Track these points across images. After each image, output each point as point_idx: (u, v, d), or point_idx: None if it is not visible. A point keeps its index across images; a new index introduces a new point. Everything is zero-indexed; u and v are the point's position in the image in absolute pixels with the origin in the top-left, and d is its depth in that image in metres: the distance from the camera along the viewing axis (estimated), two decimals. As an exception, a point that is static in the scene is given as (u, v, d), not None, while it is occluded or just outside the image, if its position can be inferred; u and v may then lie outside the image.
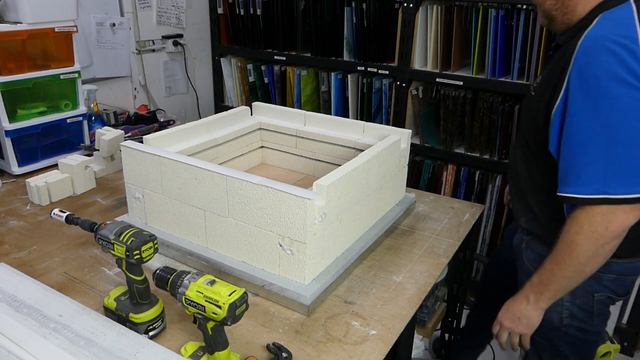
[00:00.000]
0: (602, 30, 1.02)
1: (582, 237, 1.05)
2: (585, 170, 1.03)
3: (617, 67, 0.98)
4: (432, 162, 2.51)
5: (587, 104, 1.01)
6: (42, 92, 1.69)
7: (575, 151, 1.04)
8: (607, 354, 1.92)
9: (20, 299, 0.88)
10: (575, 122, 1.03)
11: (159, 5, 2.69)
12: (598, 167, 1.01)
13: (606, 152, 1.00)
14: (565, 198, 1.07)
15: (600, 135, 1.00)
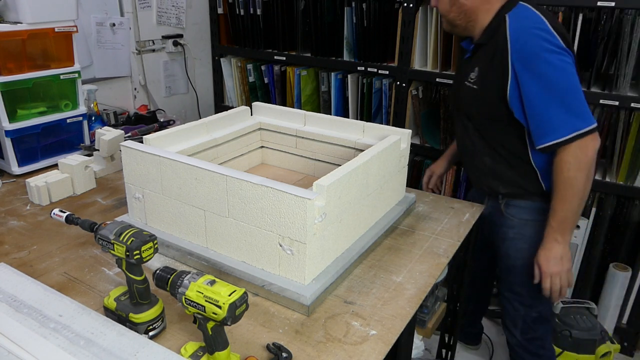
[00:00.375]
0: (519, 23, 1.34)
1: (573, 171, 1.33)
2: (554, 121, 1.31)
3: (544, 43, 1.29)
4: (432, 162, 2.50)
5: (534, 75, 1.31)
6: (42, 92, 1.69)
7: (541, 111, 1.32)
8: (607, 354, 1.92)
9: (20, 299, 0.88)
10: (531, 92, 1.32)
11: (159, 5, 2.69)
12: (562, 115, 1.30)
13: (561, 102, 1.30)
14: (548, 147, 1.34)
15: (553, 93, 1.30)
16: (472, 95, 1.47)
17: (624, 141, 2.04)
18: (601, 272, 2.24)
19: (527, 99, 1.33)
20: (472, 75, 1.47)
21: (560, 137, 1.31)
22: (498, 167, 1.52)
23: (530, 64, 1.30)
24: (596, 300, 2.22)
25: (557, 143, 1.32)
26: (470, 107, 1.52)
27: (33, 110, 1.67)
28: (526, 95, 1.33)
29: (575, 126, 1.30)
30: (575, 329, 1.92)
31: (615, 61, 2.02)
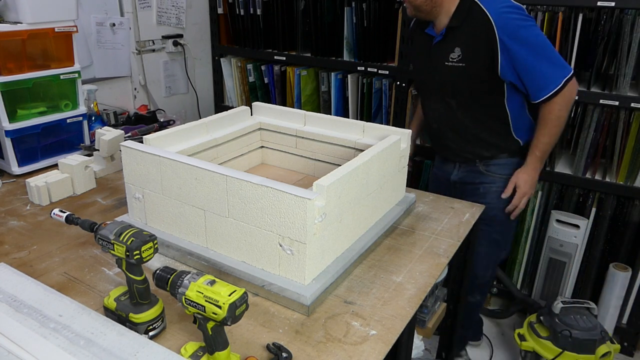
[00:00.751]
0: (494, 5, 1.56)
1: (563, 110, 1.63)
2: (548, 75, 1.59)
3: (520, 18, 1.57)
4: (432, 162, 2.50)
5: (522, 43, 1.55)
6: (42, 92, 1.69)
7: (535, 71, 1.58)
8: (607, 354, 1.92)
9: (20, 299, 0.88)
10: (524, 57, 1.56)
11: (159, 5, 2.69)
12: (551, 68, 1.59)
13: (549, 59, 1.58)
14: (547, 98, 1.60)
15: (540, 53, 1.57)
16: (458, 73, 1.65)
17: (624, 141, 2.04)
18: (601, 272, 2.24)
19: (522, 64, 1.57)
20: (452, 56, 1.65)
21: (555, 86, 1.58)
22: (483, 134, 1.74)
23: (515, 35, 1.55)
24: (596, 300, 2.22)
25: (555, 92, 1.59)
26: (456, 85, 1.69)
27: (33, 110, 1.67)
28: (520, 62, 1.57)
29: (563, 74, 1.58)
30: (575, 329, 1.92)
31: (615, 61, 2.02)
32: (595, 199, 2.18)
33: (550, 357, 1.94)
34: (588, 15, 2.09)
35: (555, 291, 2.33)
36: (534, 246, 2.40)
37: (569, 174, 2.19)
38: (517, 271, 2.46)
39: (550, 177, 2.23)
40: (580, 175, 2.16)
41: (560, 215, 2.21)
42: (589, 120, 2.09)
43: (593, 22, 2.09)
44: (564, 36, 2.06)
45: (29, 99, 1.66)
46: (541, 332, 2.02)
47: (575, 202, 2.23)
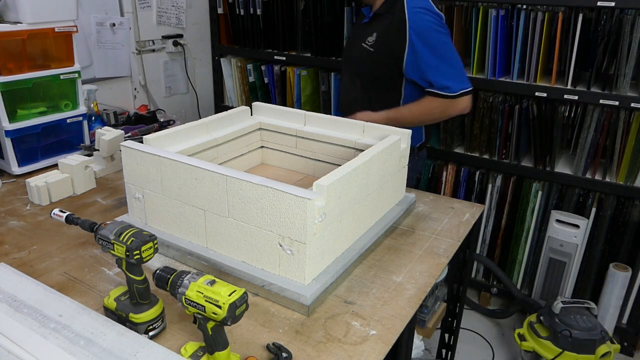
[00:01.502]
0: (414, 3, 1.64)
1: (439, 114, 1.72)
2: (449, 78, 1.64)
3: (435, 23, 1.63)
4: (432, 162, 2.51)
5: (430, 47, 1.63)
6: (42, 92, 1.69)
7: (439, 70, 1.64)
8: (607, 354, 1.92)
9: (20, 299, 0.88)
10: (429, 58, 1.64)
11: (159, 5, 2.69)
12: (453, 74, 1.65)
13: (452, 67, 1.65)
14: (441, 95, 1.66)
15: (443, 60, 1.64)
16: (367, 56, 1.74)
17: (624, 141, 2.05)
18: (601, 272, 2.24)
19: (425, 63, 1.64)
20: (369, 39, 1.73)
21: (452, 92, 1.65)
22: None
23: (425, 36, 1.63)
24: (596, 300, 2.22)
25: (448, 96, 1.65)
26: (363, 66, 1.78)
27: (33, 110, 1.67)
28: (424, 61, 1.64)
29: (463, 86, 1.65)
30: (575, 329, 1.92)
31: (615, 61, 2.02)
32: (595, 199, 2.18)
33: (550, 357, 1.94)
34: (588, 15, 2.09)
35: (555, 291, 2.33)
36: (534, 246, 2.40)
37: (569, 174, 2.19)
38: (517, 271, 2.46)
39: (550, 177, 2.23)
40: (580, 175, 2.16)
41: (560, 215, 2.21)
42: (589, 120, 2.09)
43: (593, 22, 2.09)
44: (564, 36, 2.07)
45: (29, 99, 1.66)
46: (541, 332, 2.02)
47: (575, 202, 2.23)
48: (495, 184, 2.37)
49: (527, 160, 2.31)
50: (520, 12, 2.11)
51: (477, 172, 2.41)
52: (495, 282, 2.54)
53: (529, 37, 2.11)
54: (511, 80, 2.19)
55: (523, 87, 2.17)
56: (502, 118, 2.25)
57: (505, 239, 2.45)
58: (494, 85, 2.22)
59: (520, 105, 2.20)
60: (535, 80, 2.14)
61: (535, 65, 2.12)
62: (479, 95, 2.28)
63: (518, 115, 2.21)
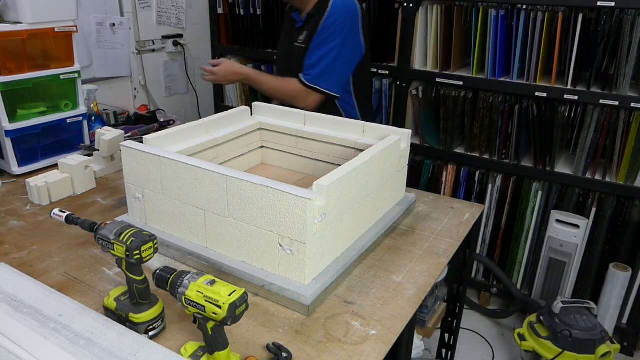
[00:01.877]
0: (340, 2, 1.76)
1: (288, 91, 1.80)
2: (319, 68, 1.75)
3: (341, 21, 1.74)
4: (432, 162, 2.51)
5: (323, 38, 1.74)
6: (42, 92, 1.69)
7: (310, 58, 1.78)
8: (607, 354, 1.92)
9: (20, 299, 0.88)
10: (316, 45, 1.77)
11: (159, 5, 2.69)
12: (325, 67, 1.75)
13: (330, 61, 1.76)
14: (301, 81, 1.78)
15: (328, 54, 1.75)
16: (299, 54, 1.84)
17: (624, 141, 2.05)
18: (601, 272, 2.24)
19: (312, 49, 1.78)
20: (300, 37, 1.85)
21: (309, 80, 1.76)
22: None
23: (327, 30, 1.75)
24: (596, 300, 2.22)
25: (302, 82, 1.77)
26: (296, 63, 1.86)
27: (33, 110, 1.67)
28: (313, 47, 1.77)
29: (317, 82, 1.76)
30: (575, 329, 1.92)
31: (615, 61, 2.02)
32: (595, 199, 2.18)
33: (550, 357, 1.94)
34: (588, 15, 2.09)
35: (555, 291, 2.33)
36: (534, 246, 2.40)
37: (569, 174, 2.19)
38: (517, 271, 2.46)
39: (550, 177, 2.23)
40: (580, 175, 2.16)
41: (560, 215, 2.21)
42: (589, 120, 2.09)
43: (593, 22, 2.09)
44: (564, 36, 2.07)
45: (29, 99, 1.66)
46: (541, 332, 2.02)
47: (575, 202, 2.23)
48: (495, 184, 2.37)
49: (527, 160, 2.31)
50: (520, 12, 2.11)
51: (477, 172, 2.41)
52: (495, 282, 2.54)
53: (529, 37, 2.11)
54: (511, 80, 2.19)
55: (523, 87, 2.17)
56: (502, 118, 2.25)
57: (505, 239, 2.45)
58: (494, 85, 2.22)
59: (520, 105, 2.20)
60: (535, 80, 2.14)
61: (535, 65, 2.12)
62: (479, 95, 2.28)
63: (518, 115, 2.21)
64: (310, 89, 1.78)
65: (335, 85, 1.80)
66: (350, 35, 1.77)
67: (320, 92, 1.78)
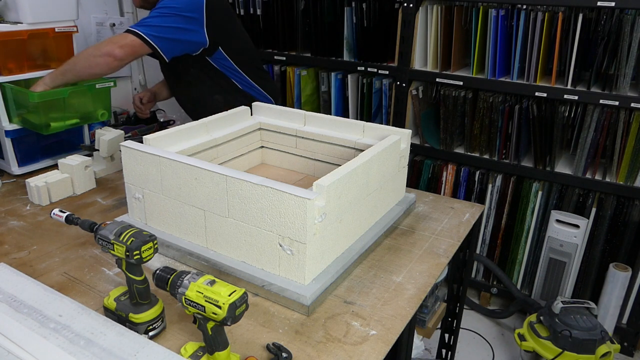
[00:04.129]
0: None
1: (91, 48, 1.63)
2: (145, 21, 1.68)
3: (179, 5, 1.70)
4: (432, 162, 2.51)
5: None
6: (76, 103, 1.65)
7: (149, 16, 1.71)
8: (607, 354, 1.92)
9: (20, 299, 0.88)
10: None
11: (159, 5, 2.69)
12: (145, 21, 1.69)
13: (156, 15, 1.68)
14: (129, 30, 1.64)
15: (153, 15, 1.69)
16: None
17: (624, 141, 2.05)
18: (601, 272, 2.24)
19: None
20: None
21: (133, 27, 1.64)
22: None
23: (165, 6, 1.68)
24: (596, 300, 2.22)
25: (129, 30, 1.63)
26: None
27: (67, 122, 1.64)
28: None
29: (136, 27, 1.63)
30: (575, 329, 1.92)
31: (615, 61, 2.02)
32: (595, 199, 2.18)
33: (550, 357, 1.94)
34: (588, 15, 2.09)
35: (555, 291, 2.33)
36: (534, 246, 2.40)
37: (569, 174, 2.19)
38: (517, 271, 2.46)
39: (550, 177, 2.23)
40: (580, 175, 2.17)
41: (560, 215, 2.21)
42: (589, 120, 2.09)
43: (593, 22, 2.09)
44: (564, 36, 2.07)
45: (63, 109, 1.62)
46: (541, 332, 2.02)
47: (575, 202, 2.23)
48: (495, 184, 2.37)
49: (527, 160, 2.31)
50: (520, 12, 2.11)
51: (477, 172, 2.41)
52: (495, 282, 2.54)
53: (529, 37, 2.11)
54: (511, 80, 2.19)
55: (523, 87, 2.17)
56: (502, 118, 2.25)
57: (505, 239, 2.45)
58: (494, 85, 2.22)
59: (520, 105, 2.20)
60: (535, 80, 2.14)
61: (535, 65, 2.12)
62: (479, 96, 2.28)
63: (518, 115, 2.21)
64: (127, 32, 1.63)
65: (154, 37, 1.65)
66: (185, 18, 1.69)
67: (135, 33, 1.62)
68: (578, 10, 2.04)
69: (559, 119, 2.13)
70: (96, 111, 1.73)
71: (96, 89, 1.68)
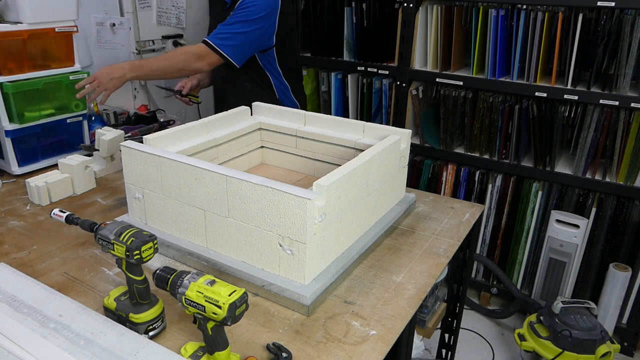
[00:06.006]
0: None
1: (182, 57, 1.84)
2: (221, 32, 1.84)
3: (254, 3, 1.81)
4: (432, 162, 2.51)
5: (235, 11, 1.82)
6: (50, 94, 1.68)
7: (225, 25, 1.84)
8: (607, 354, 1.92)
9: (20, 299, 0.88)
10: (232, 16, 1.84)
11: (159, 5, 2.69)
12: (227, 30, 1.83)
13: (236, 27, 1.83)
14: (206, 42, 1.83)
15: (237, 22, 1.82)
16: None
17: (624, 141, 2.05)
18: (601, 272, 2.24)
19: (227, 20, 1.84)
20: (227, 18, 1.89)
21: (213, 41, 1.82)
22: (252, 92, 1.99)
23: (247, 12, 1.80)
24: (596, 300, 2.22)
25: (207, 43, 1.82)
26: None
27: (42, 112, 1.66)
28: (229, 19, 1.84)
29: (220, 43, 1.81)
30: (575, 329, 1.92)
31: (615, 61, 2.03)
32: (595, 199, 2.18)
33: (550, 357, 1.94)
34: (588, 15, 2.09)
35: (555, 291, 2.33)
36: (534, 246, 2.40)
37: (569, 174, 2.19)
38: (517, 271, 2.46)
39: (550, 177, 2.23)
40: (580, 175, 2.17)
41: (560, 215, 2.21)
42: (589, 120, 2.09)
43: (593, 22, 2.09)
44: (564, 36, 2.07)
45: (37, 101, 1.65)
46: (541, 332, 2.02)
47: (575, 202, 2.23)
48: (495, 184, 2.37)
49: (527, 160, 2.31)
50: (520, 12, 2.11)
51: (477, 172, 2.41)
52: (495, 282, 2.54)
53: (529, 37, 2.11)
54: (511, 80, 2.19)
55: (523, 87, 2.17)
56: (502, 118, 2.25)
57: (505, 239, 2.45)
58: (494, 85, 2.22)
59: (520, 105, 2.20)
60: (535, 80, 2.14)
61: (535, 65, 2.12)
62: (479, 95, 2.28)
63: (518, 115, 2.21)
64: (213, 50, 1.81)
65: (236, 55, 1.84)
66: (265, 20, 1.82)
67: (219, 53, 1.81)
68: (578, 10, 2.04)
69: (559, 119, 2.13)
70: (71, 102, 1.74)
71: (70, 80, 1.70)
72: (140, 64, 1.81)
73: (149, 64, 1.82)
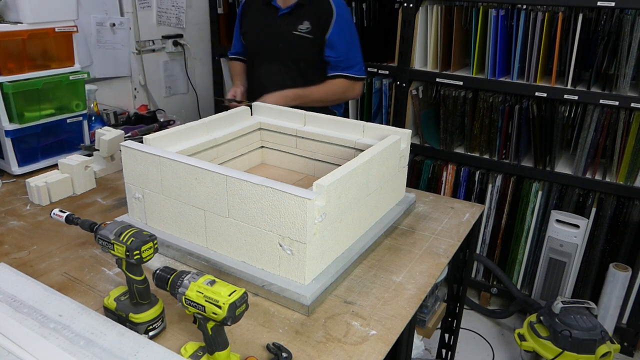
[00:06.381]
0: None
1: (340, 94, 2.01)
2: (356, 63, 1.97)
3: (349, 14, 2.00)
4: (432, 162, 2.51)
5: (347, 33, 1.95)
6: (50, 94, 1.68)
7: (351, 54, 1.96)
8: (607, 354, 1.92)
9: (20, 299, 0.88)
10: (345, 42, 1.94)
11: (159, 5, 2.69)
12: (360, 60, 1.99)
13: (359, 54, 2.00)
14: (342, 76, 1.96)
15: (356, 46, 1.98)
16: (306, 42, 1.94)
17: (624, 141, 2.05)
18: (601, 272, 2.24)
19: (344, 43, 1.93)
20: (301, 27, 1.94)
21: (359, 75, 1.97)
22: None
23: (346, 26, 1.94)
24: (596, 300, 2.22)
25: (354, 77, 1.97)
26: (301, 52, 1.97)
27: (42, 112, 1.66)
28: (342, 45, 1.93)
29: (364, 72, 1.99)
30: (575, 329, 1.92)
31: (615, 61, 2.02)
32: (595, 199, 2.18)
33: (550, 357, 1.94)
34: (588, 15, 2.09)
35: (555, 291, 2.33)
36: (534, 246, 2.40)
37: (569, 174, 2.19)
38: (517, 271, 2.46)
39: (550, 177, 2.23)
40: (580, 175, 2.16)
41: (560, 215, 2.21)
42: (589, 120, 2.09)
43: (593, 22, 2.09)
44: (564, 36, 2.07)
45: (37, 101, 1.64)
46: (541, 332, 2.02)
47: (575, 202, 2.23)
48: (495, 184, 2.37)
49: (527, 160, 2.31)
50: (520, 12, 2.11)
51: (477, 172, 2.41)
52: (495, 282, 2.54)
53: (529, 37, 2.11)
54: (511, 80, 2.19)
55: (523, 87, 2.17)
56: (502, 118, 2.25)
57: (505, 239, 2.45)
58: (494, 85, 2.22)
59: (520, 105, 2.20)
60: (535, 80, 2.14)
61: (535, 65, 2.12)
62: (479, 95, 2.28)
63: (518, 115, 2.21)
64: (359, 80, 1.99)
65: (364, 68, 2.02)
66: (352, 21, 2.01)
67: (364, 79, 2.01)
68: (578, 10, 2.04)
69: (559, 119, 2.13)
70: (71, 102, 1.74)
71: (70, 80, 1.70)
72: (302, 95, 1.93)
73: (310, 94, 1.95)
